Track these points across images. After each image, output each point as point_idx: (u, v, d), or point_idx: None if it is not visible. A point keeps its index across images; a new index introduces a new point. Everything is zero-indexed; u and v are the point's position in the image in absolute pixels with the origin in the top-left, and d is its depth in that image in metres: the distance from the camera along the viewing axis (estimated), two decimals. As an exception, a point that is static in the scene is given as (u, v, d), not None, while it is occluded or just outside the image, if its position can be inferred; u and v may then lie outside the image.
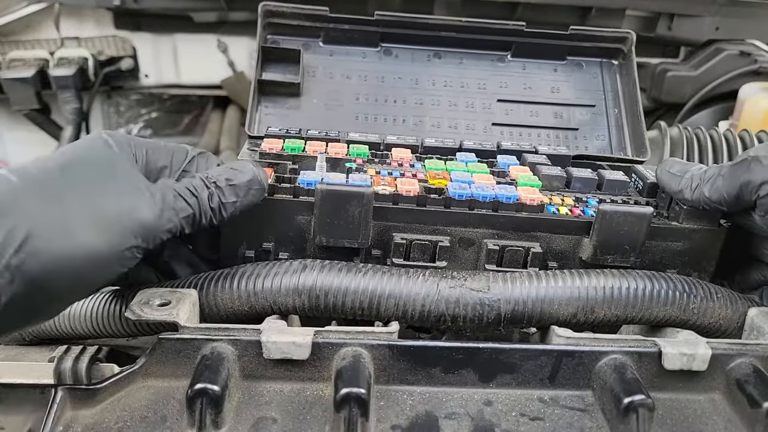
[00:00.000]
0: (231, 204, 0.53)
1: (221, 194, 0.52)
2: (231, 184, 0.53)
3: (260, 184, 0.54)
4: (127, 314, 0.50)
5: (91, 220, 0.45)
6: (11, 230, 0.41)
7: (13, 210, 0.41)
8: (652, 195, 0.66)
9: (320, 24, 0.82)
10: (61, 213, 0.43)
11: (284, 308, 0.54)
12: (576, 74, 0.86)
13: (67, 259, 0.43)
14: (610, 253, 0.59)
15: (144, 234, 0.47)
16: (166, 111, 1.68)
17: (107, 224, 0.45)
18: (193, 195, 0.51)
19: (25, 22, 1.40)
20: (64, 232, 0.43)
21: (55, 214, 0.43)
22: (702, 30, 1.41)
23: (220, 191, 0.52)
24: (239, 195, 0.53)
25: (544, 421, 0.48)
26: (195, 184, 0.52)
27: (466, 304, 0.53)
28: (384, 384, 0.50)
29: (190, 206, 0.51)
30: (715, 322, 0.57)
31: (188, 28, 1.49)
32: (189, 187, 0.51)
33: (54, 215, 0.43)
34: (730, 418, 0.50)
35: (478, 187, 0.61)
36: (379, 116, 0.81)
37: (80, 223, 0.44)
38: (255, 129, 0.78)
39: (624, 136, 0.83)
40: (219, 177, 0.53)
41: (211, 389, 0.44)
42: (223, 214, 0.53)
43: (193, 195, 0.51)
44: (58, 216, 0.43)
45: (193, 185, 0.52)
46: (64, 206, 0.44)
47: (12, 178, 0.43)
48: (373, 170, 0.65)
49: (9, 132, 1.48)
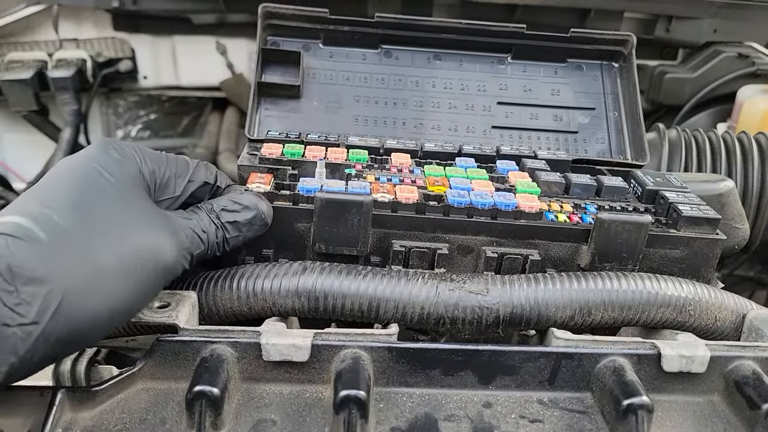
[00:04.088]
0: (233, 239, 0.54)
1: (225, 231, 0.53)
2: (234, 221, 0.54)
3: (263, 221, 0.55)
4: (127, 316, 0.50)
5: (119, 269, 0.43)
6: (47, 295, 0.39)
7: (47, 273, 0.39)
8: (651, 201, 0.67)
9: (320, 26, 0.82)
10: (91, 266, 0.42)
11: (284, 310, 0.54)
12: (576, 77, 0.86)
13: (99, 317, 0.42)
14: (608, 261, 0.59)
15: (167, 274, 0.48)
16: (165, 113, 1.68)
17: (135, 274, 0.44)
18: (204, 232, 0.52)
19: (24, 23, 1.40)
20: (96, 287, 0.42)
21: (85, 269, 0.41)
22: (700, 32, 1.41)
23: (225, 230, 0.53)
24: (242, 231, 0.54)
25: (543, 423, 0.49)
26: (204, 221, 0.52)
27: (465, 307, 0.53)
28: (383, 386, 0.50)
29: (202, 243, 0.51)
30: (712, 324, 0.57)
31: (187, 30, 1.49)
32: (201, 225, 0.52)
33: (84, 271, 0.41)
34: (729, 420, 0.51)
35: (477, 194, 0.61)
36: (379, 118, 0.82)
37: (111, 275, 0.43)
38: (255, 132, 0.78)
39: (624, 140, 0.83)
40: (222, 213, 0.53)
41: (211, 391, 0.44)
42: (225, 248, 0.54)
43: (204, 232, 0.52)
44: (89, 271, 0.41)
45: (204, 223, 0.52)
46: (91, 257, 0.42)
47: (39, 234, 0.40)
48: (373, 176, 0.65)
49: (7, 133, 1.47)
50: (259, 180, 0.60)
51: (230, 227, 0.54)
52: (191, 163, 0.55)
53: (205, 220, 0.52)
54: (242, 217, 0.54)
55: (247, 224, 0.55)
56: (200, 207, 0.54)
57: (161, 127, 1.69)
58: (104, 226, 0.44)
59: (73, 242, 0.41)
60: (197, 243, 0.51)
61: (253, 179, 0.61)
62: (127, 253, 0.44)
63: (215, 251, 0.53)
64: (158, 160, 0.53)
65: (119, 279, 0.43)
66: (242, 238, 0.55)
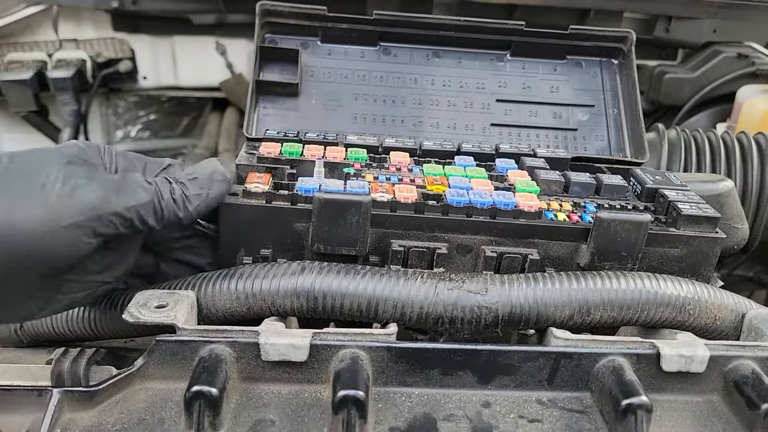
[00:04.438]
0: (196, 196, 0.53)
1: (183, 188, 0.52)
2: (192, 177, 0.53)
3: (223, 175, 0.55)
4: (125, 316, 0.50)
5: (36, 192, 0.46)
6: None
7: None
8: (651, 200, 0.66)
9: (318, 23, 0.82)
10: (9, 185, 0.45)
11: (282, 310, 0.54)
12: (575, 74, 0.86)
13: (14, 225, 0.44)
14: (607, 260, 0.59)
15: (89, 215, 0.47)
16: (165, 113, 1.68)
17: (48, 203, 0.46)
18: (149, 185, 0.51)
19: (24, 23, 1.40)
20: (3, 210, 0.44)
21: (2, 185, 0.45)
22: (700, 32, 1.41)
23: (182, 185, 0.52)
24: (203, 187, 0.53)
25: (542, 423, 0.48)
26: (155, 178, 0.52)
27: (464, 307, 0.53)
28: (382, 386, 0.50)
29: (147, 194, 0.50)
30: (711, 323, 0.57)
31: (187, 30, 1.49)
32: (146, 178, 0.52)
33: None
34: (728, 419, 0.50)
35: (476, 193, 0.61)
36: (377, 116, 0.81)
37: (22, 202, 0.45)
38: (253, 130, 0.78)
39: (623, 137, 0.83)
40: (179, 174, 0.54)
41: (209, 391, 0.44)
42: (188, 208, 0.52)
43: (149, 185, 0.51)
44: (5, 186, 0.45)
45: (152, 179, 0.52)
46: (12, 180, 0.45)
47: None
48: (371, 176, 0.65)
49: (7, 134, 1.48)
50: (257, 180, 0.60)
51: (190, 184, 0.53)
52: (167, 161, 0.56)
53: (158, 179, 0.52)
54: (200, 172, 0.54)
55: (207, 179, 0.54)
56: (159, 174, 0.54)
57: (161, 127, 1.69)
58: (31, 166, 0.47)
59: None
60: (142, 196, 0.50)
61: (251, 179, 0.61)
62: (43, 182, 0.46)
63: (175, 210, 0.52)
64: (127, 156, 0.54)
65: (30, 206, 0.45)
66: (205, 196, 0.53)
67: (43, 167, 0.47)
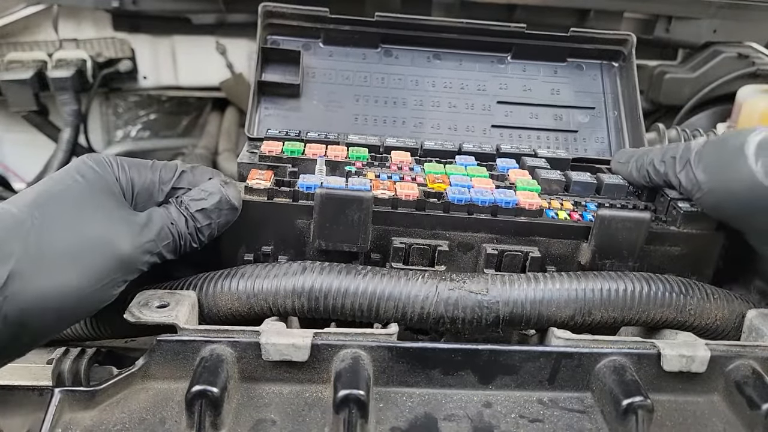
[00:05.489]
0: (206, 227, 0.54)
1: (194, 220, 0.54)
2: (201, 209, 0.54)
3: (229, 204, 0.56)
4: (126, 316, 0.50)
5: (69, 256, 0.45)
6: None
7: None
8: (651, 199, 0.67)
9: (320, 25, 0.82)
10: (36, 251, 0.44)
11: (283, 310, 0.54)
12: (576, 76, 0.86)
13: (48, 299, 0.44)
14: (608, 258, 0.59)
15: (123, 266, 0.48)
16: (165, 113, 1.68)
17: (85, 260, 0.46)
18: (173, 224, 0.52)
19: (23, 23, 1.40)
20: (43, 270, 0.44)
21: (34, 252, 0.44)
22: (700, 32, 1.41)
23: (193, 217, 0.54)
24: (212, 218, 0.55)
25: (543, 423, 0.48)
26: (172, 214, 0.53)
27: (465, 306, 0.53)
28: (383, 386, 0.50)
29: (171, 234, 0.52)
30: (712, 323, 0.57)
31: (187, 30, 1.49)
32: (169, 218, 0.53)
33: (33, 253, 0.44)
34: (729, 420, 0.50)
35: (478, 191, 0.61)
36: (378, 117, 0.82)
37: (59, 260, 0.45)
38: (254, 131, 0.78)
39: (623, 139, 0.83)
40: (191, 204, 0.54)
41: (210, 391, 0.44)
42: (201, 238, 0.54)
43: (173, 224, 0.52)
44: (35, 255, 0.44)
45: (172, 215, 0.53)
46: (43, 243, 0.44)
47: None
48: (373, 174, 0.65)
49: (7, 134, 1.47)
50: (259, 177, 0.60)
51: (199, 216, 0.54)
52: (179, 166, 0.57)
53: (173, 212, 0.53)
54: (208, 204, 0.55)
55: (215, 210, 0.55)
56: (171, 202, 0.55)
57: (161, 127, 1.69)
58: (57, 219, 0.46)
59: (24, 231, 0.44)
60: (165, 234, 0.52)
61: (253, 176, 0.61)
62: (75, 242, 0.46)
63: (190, 242, 0.54)
64: (140, 167, 0.54)
65: (65, 264, 0.45)
66: (214, 225, 0.55)
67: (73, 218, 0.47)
